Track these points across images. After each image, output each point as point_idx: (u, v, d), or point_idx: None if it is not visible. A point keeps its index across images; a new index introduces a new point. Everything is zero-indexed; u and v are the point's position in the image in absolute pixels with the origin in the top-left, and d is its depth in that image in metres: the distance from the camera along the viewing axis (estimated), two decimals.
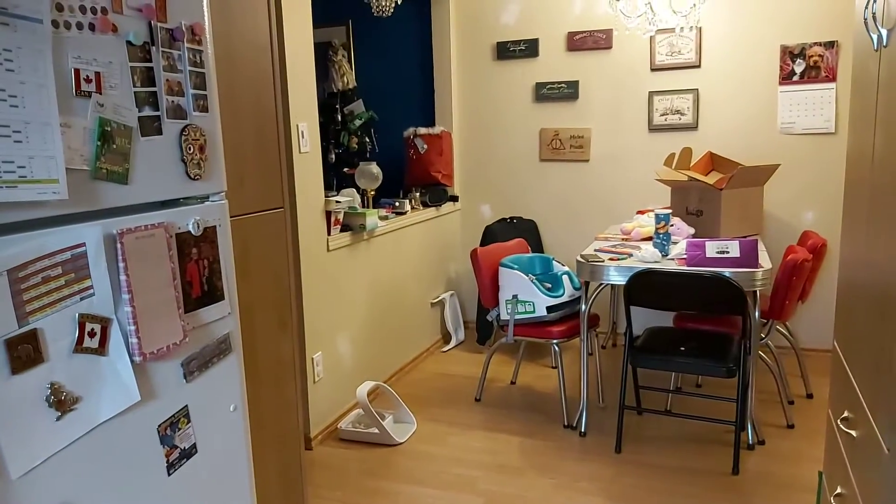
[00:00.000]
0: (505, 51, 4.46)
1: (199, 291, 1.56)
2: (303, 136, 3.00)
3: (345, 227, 3.38)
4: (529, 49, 4.40)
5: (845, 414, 1.69)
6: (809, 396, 3.51)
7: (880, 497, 1.32)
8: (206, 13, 1.58)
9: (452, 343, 4.49)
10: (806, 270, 3.12)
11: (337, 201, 3.23)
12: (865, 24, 1.56)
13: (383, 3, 3.58)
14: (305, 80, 3.03)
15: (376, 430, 3.12)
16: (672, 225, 3.30)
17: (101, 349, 1.28)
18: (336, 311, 3.34)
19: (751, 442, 2.99)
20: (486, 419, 3.37)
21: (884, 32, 1.41)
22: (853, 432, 1.59)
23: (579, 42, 4.29)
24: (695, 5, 3.45)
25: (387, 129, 4.53)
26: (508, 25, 4.45)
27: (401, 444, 3.12)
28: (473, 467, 2.90)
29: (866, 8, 1.55)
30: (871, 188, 1.54)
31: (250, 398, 1.88)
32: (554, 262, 3.58)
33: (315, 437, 3.14)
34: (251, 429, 1.81)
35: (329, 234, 3.23)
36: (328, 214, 3.21)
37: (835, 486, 1.81)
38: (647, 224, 3.54)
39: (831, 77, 3.82)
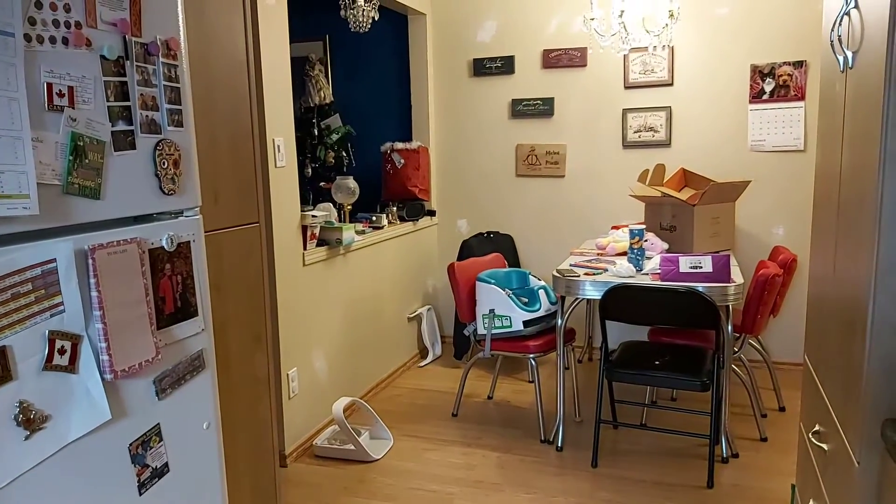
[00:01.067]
0: (481, 67, 4.50)
1: (173, 307, 1.54)
2: (279, 151, 2.99)
3: (321, 242, 3.37)
4: (506, 66, 4.44)
5: (816, 427, 1.71)
6: (782, 410, 3.55)
7: None
8: (181, 28, 1.57)
9: (429, 358, 4.48)
10: (777, 285, 3.17)
11: (313, 216, 3.22)
12: (832, 45, 1.60)
13: (361, 19, 3.60)
14: (282, 95, 3.03)
15: (352, 447, 3.09)
16: (646, 240, 3.34)
17: (72, 367, 1.26)
18: (312, 326, 3.31)
19: (725, 455, 3.02)
20: (462, 434, 3.36)
21: (849, 54, 1.45)
22: (824, 446, 1.61)
23: (555, 59, 4.35)
24: (667, 25, 3.52)
25: (364, 144, 4.53)
26: (485, 42, 4.49)
27: (377, 460, 3.10)
28: (450, 483, 2.88)
29: (833, 30, 1.59)
30: (839, 205, 1.57)
31: (224, 415, 1.85)
32: (530, 276, 3.60)
33: (290, 454, 3.11)
34: (224, 446, 1.78)
35: (305, 248, 3.22)
36: (304, 229, 3.20)
37: (807, 498, 1.83)
38: (621, 239, 3.58)
39: (800, 96, 3.91)
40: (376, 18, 3.72)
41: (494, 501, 2.73)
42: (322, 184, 4.17)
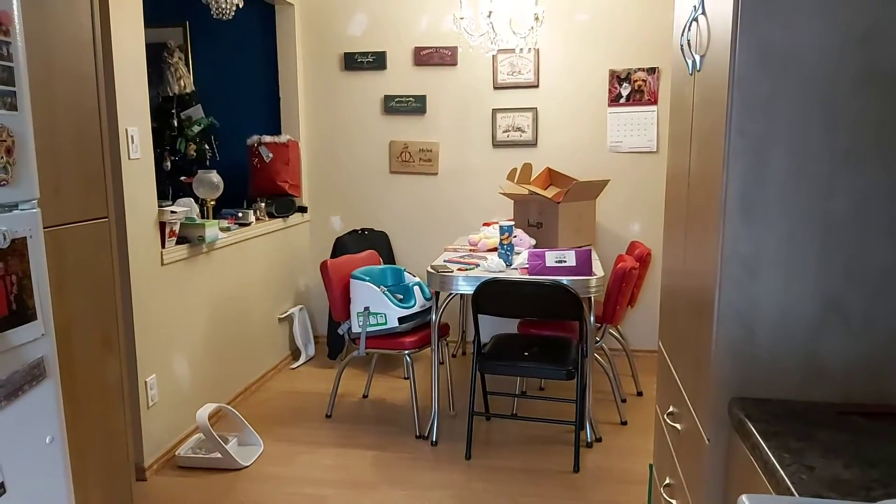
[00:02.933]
0: (353, 62, 4.44)
1: (6, 311, 1.38)
2: (133, 142, 2.78)
3: (182, 240, 3.17)
4: (377, 61, 4.41)
5: (671, 409, 1.83)
6: (640, 394, 3.79)
7: (703, 484, 1.44)
8: (14, 1, 1.41)
9: (302, 359, 4.36)
10: (634, 277, 3.38)
11: (172, 211, 3.03)
12: (682, 50, 1.72)
13: (223, 6, 3.42)
14: (136, 82, 2.82)
15: (219, 455, 2.94)
16: (515, 236, 3.44)
17: None
18: (172, 329, 3.11)
19: (589, 440, 3.18)
20: (337, 435, 3.30)
21: (697, 58, 1.56)
22: (678, 426, 1.73)
23: (426, 57, 4.37)
24: (532, 28, 3.64)
25: (229, 137, 4.33)
26: (356, 37, 4.43)
27: (246, 467, 2.97)
28: (324, 486, 2.82)
29: (682, 35, 1.70)
30: (688, 203, 1.69)
31: (71, 428, 1.69)
32: (405, 273, 3.60)
33: (150, 467, 2.90)
34: (72, 461, 1.63)
35: (163, 246, 3.02)
36: (162, 225, 3.00)
37: (664, 476, 1.95)
38: (492, 235, 3.66)
39: (653, 100, 4.19)
40: (240, 6, 3.56)
41: (369, 501, 2.70)
42: (183, 178, 3.93)
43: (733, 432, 1.30)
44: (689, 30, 1.63)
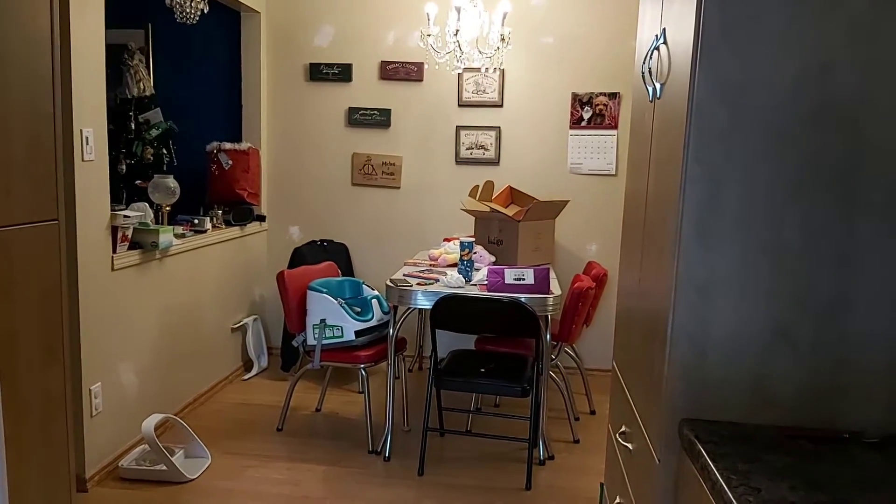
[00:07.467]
0: (318, 72, 4.42)
1: None
2: (87, 143, 2.71)
3: (134, 245, 3.09)
4: (343, 73, 4.40)
5: (623, 428, 1.85)
6: (593, 413, 3.82)
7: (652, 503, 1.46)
8: None
9: (254, 371, 4.28)
10: (590, 297, 3.42)
11: (125, 216, 2.95)
12: (643, 77, 1.76)
13: (188, 10, 3.37)
14: (93, 83, 2.75)
15: (164, 467, 2.86)
16: (475, 252, 3.45)
17: None
18: (120, 336, 3.03)
19: (542, 458, 3.19)
20: (288, 449, 3.24)
21: (658, 86, 1.59)
22: (630, 445, 1.75)
23: (392, 72, 4.38)
24: (499, 48, 3.69)
25: (187, 142, 4.25)
26: (322, 48, 4.42)
27: (192, 480, 2.89)
28: (272, 501, 2.76)
29: (644, 63, 1.75)
30: (644, 225, 1.72)
31: (9, 436, 1.63)
32: (364, 285, 3.58)
33: (91, 478, 2.80)
34: (9, 471, 1.57)
35: (115, 251, 2.93)
36: (115, 230, 2.92)
37: (614, 495, 1.97)
38: (452, 251, 3.67)
39: (614, 125, 4.27)
40: (205, 11, 3.52)
41: None
42: (138, 182, 3.84)
43: (683, 453, 1.32)
44: (651, 58, 1.67)
